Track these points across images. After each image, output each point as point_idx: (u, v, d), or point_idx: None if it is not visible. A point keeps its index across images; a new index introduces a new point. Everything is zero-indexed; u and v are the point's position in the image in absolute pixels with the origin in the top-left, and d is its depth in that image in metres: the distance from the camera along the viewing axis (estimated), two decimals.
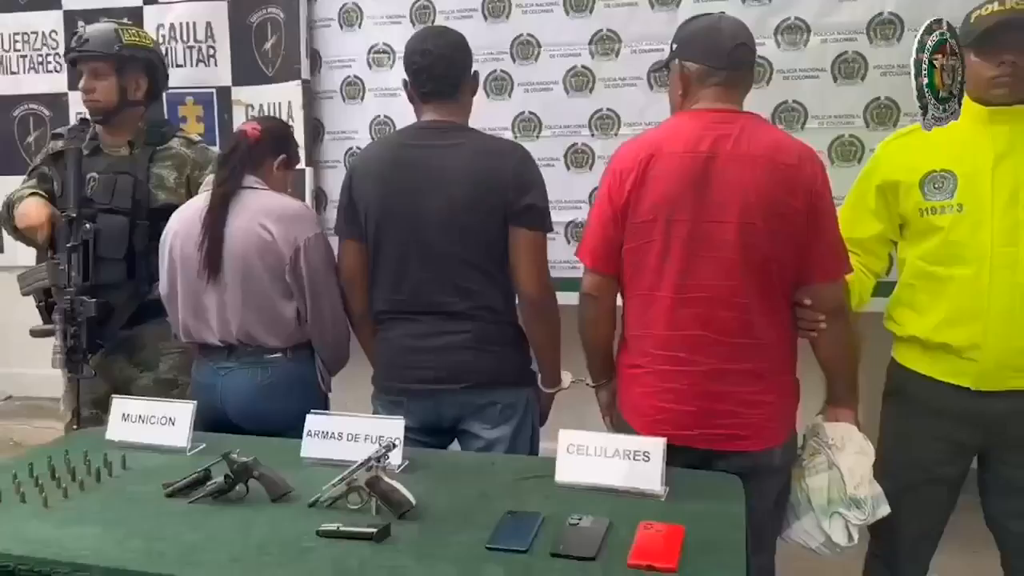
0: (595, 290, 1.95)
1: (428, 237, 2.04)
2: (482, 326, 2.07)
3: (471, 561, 1.41)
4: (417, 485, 1.73)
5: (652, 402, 1.87)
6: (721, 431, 1.82)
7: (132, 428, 2.00)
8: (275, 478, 1.68)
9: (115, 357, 2.40)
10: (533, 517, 1.57)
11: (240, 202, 2.13)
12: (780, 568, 2.03)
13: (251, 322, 2.14)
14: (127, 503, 1.67)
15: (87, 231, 2.26)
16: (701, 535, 1.50)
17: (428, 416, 2.11)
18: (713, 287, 1.79)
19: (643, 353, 1.89)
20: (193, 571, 1.38)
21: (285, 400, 2.17)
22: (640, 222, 1.83)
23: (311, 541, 1.49)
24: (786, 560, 2.04)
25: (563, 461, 1.74)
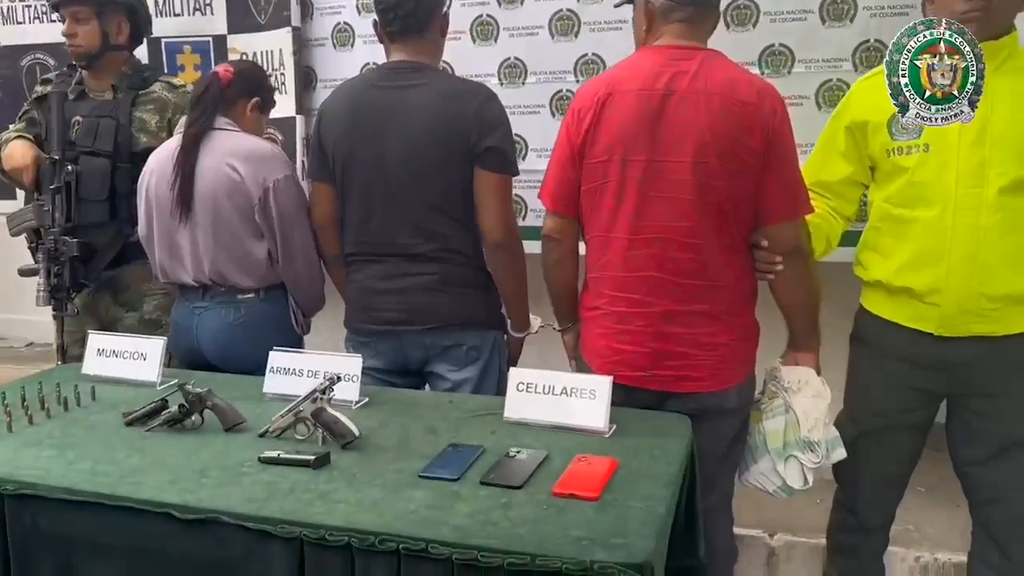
0: (556, 232, 1.95)
1: (391, 179, 2.04)
2: (448, 268, 2.08)
3: (400, 488, 1.44)
4: (369, 419, 1.78)
5: (608, 343, 1.88)
6: (673, 372, 1.82)
7: (106, 363, 2.06)
8: (228, 409, 1.73)
9: (100, 297, 2.47)
10: (473, 449, 1.60)
11: (211, 143, 2.16)
12: (755, 512, 2.02)
13: (222, 262, 2.17)
14: (87, 430, 1.73)
15: (69, 173, 2.31)
16: (634, 468, 1.52)
17: (395, 357, 2.14)
18: (667, 228, 1.78)
19: (600, 295, 1.89)
20: (131, 490, 1.43)
21: (258, 340, 2.20)
22: (596, 162, 1.82)
23: (252, 467, 1.53)
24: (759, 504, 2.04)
25: (512, 399, 1.75)
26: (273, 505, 1.38)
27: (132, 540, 1.41)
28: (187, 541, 1.38)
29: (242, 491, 1.43)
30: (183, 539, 1.38)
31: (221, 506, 1.38)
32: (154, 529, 1.39)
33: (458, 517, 1.33)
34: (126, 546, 1.42)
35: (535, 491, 1.43)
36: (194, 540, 1.38)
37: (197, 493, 1.42)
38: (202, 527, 1.37)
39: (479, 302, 2.13)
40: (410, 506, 1.37)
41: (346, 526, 1.31)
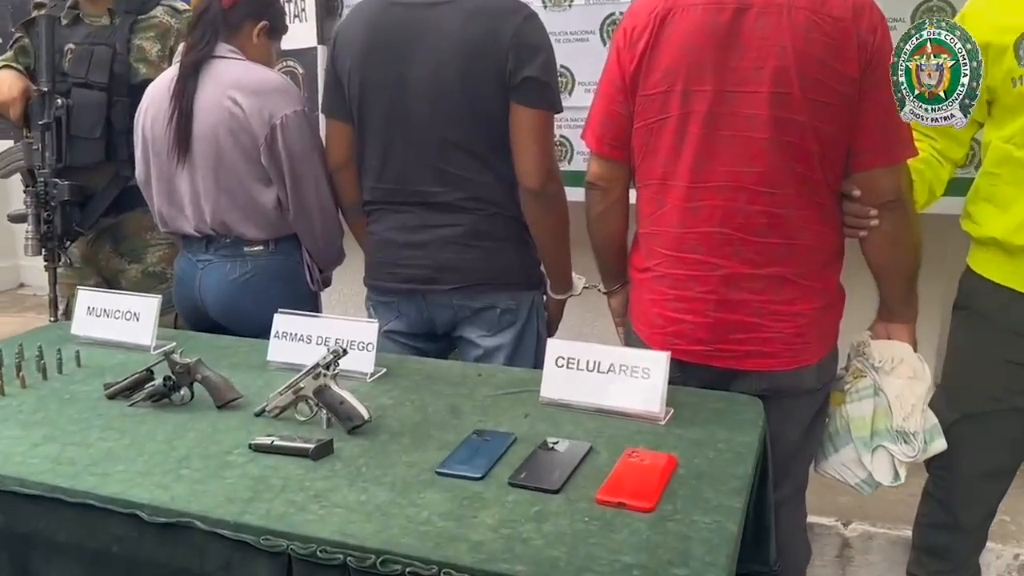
0: (602, 179, 1.66)
1: (412, 114, 1.76)
2: (477, 219, 1.80)
3: (412, 487, 1.20)
4: (384, 396, 1.53)
5: (662, 311, 1.60)
6: (741, 347, 1.54)
7: (97, 323, 1.84)
8: (220, 383, 1.49)
9: (100, 246, 2.25)
10: (502, 438, 1.34)
11: (211, 73, 1.89)
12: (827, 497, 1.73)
13: (225, 209, 1.93)
14: (63, 404, 1.51)
15: (59, 107, 2.07)
16: (697, 467, 1.25)
17: (419, 320, 1.89)
18: (737, 174, 1.48)
19: (653, 254, 1.60)
20: (95, 483, 1.21)
21: (267, 298, 1.96)
22: (652, 93, 1.52)
23: (240, 455, 1.30)
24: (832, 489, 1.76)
25: (551, 375, 1.49)
26: (258, 508, 1.14)
27: (96, 542, 1.19)
28: (158, 548, 1.15)
29: (224, 488, 1.20)
30: (154, 545, 1.15)
31: (197, 507, 1.15)
32: (120, 531, 1.17)
33: (480, 531, 1.08)
34: (90, 548, 1.20)
35: (576, 497, 1.17)
36: (166, 547, 1.15)
37: (172, 489, 1.19)
38: (175, 532, 1.14)
39: (514, 258, 1.86)
40: (422, 513, 1.12)
41: (342, 540, 1.06)
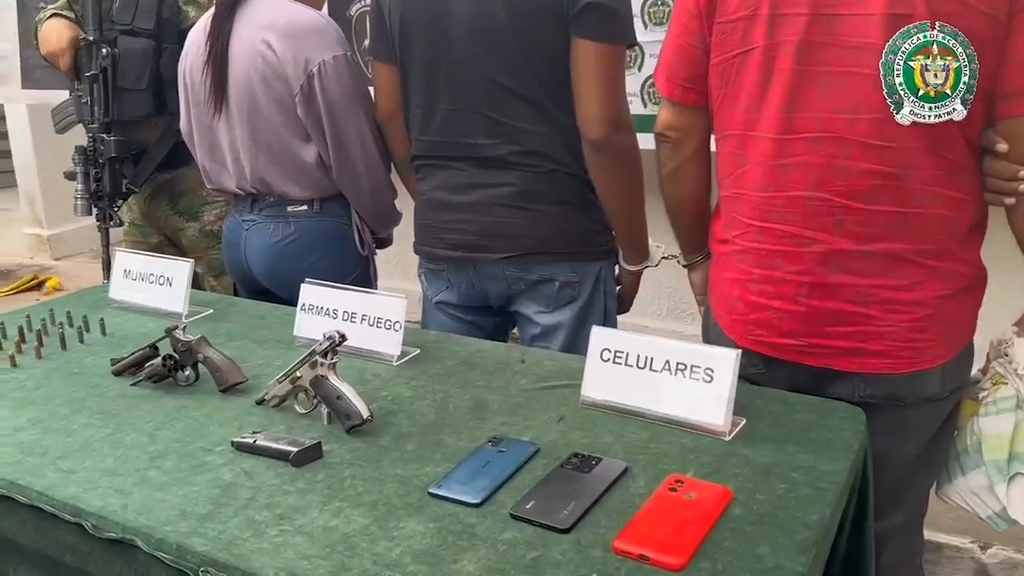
0: (673, 129, 1.36)
1: (456, 55, 1.51)
2: (529, 177, 1.55)
3: (395, 512, 0.99)
4: (405, 385, 1.33)
5: (742, 294, 1.30)
6: (841, 342, 1.22)
7: (132, 287, 1.74)
8: (223, 364, 1.33)
9: (158, 204, 2.15)
10: (521, 450, 1.11)
11: (247, 12, 1.71)
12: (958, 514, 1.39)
13: (264, 165, 1.76)
14: (67, 380, 1.40)
15: (105, 57, 1.95)
16: (759, 507, 0.97)
17: (470, 291, 1.67)
18: (838, 121, 1.15)
19: (734, 222, 1.30)
20: (54, 481, 1.07)
21: (311, 261, 1.82)
22: (731, 20, 1.20)
23: (219, 455, 1.13)
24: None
25: (594, 371, 1.23)
26: (211, 528, 0.97)
27: (50, 549, 1.06)
28: (105, 564, 1.00)
29: (185, 498, 1.03)
30: (101, 560, 1.01)
31: (145, 521, 0.98)
32: (70, 540, 1.03)
33: None
34: (46, 555, 1.07)
35: (588, 541, 0.92)
36: (113, 564, 1.00)
37: (129, 496, 1.04)
38: (120, 548, 0.99)
39: (575, 223, 1.59)
40: (393, 552, 0.91)
41: None
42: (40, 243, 4.59)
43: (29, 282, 4.09)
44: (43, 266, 4.47)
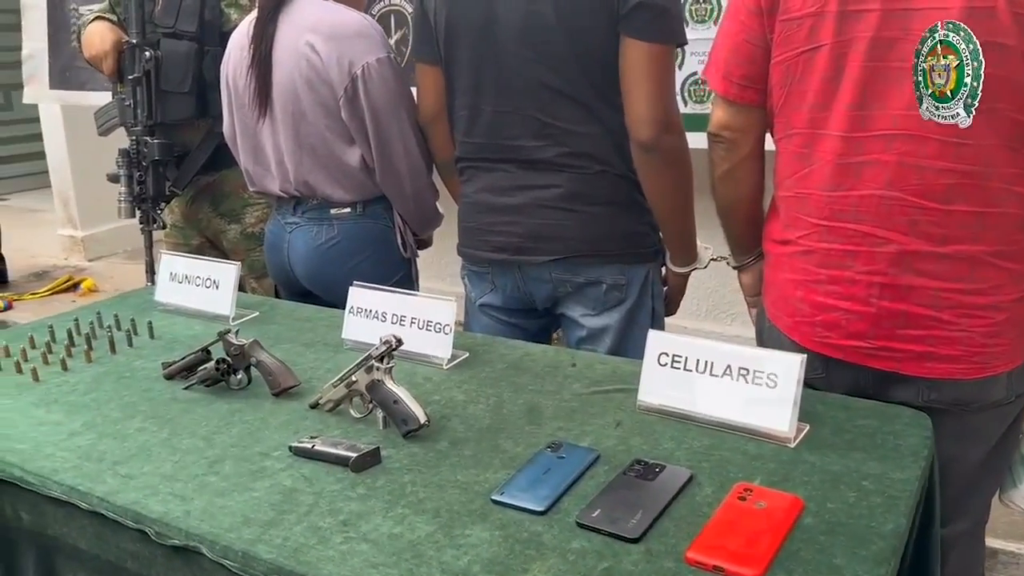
0: (728, 129, 1.33)
1: (504, 55, 1.50)
2: (578, 178, 1.53)
3: (459, 519, 0.97)
4: (456, 389, 1.32)
5: (807, 295, 1.27)
6: (911, 346, 1.20)
7: (178, 290, 1.74)
8: (276, 368, 1.33)
9: (199, 206, 2.15)
10: (581, 456, 1.09)
11: (290, 14, 1.70)
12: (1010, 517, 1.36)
13: (308, 169, 1.76)
14: (118, 384, 1.40)
15: (148, 60, 1.96)
16: (831, 516, 0.95)
17: (516, 293, 1.66)
18: (914, 119, 1.12)
19: (796, 223, 1.28)
20: (114, 488, 1.07)
21: (355, 264, 1.81)
22: (797, 16, 1.18)
23: (277, 460, 1.13)
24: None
25: (651, 376, 1.21)
26: (275, 535, 0.96)
27: (111, 555, 1.06)
28: (168, 571, 1.00)
29: (247, 504, 1.02)
30: (164, 568, 1.00)
31: (209, 528, 0.98)
32: (133, 547, 1.03)
33: None
34: (107, 561, 1.07)
35: (660, 550, 0.90)
36: (176, 571, 0.99)
37: (191, 502, 1.03)
38: (184, 556, 0.98)
39: (624, 224, 1.57)
40: (461, 560, 0.90)
41: None
42: (74, 244, 4.64)
43: (64, 283, 4.13)
44: (77, 267, 4.52)
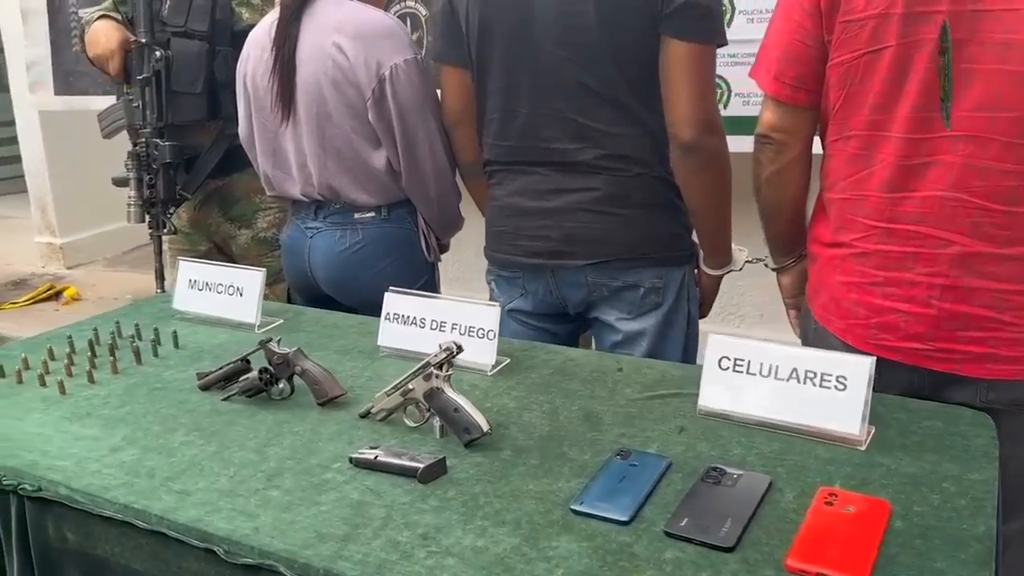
0: (779, 130, 1.32)
1: (541, 56, 1.48)
2: (617, 181, 1.51)
3: (542, 530, 0.95)
4: (505, 395, 1.29)
5: (863, 297, 1.27)
6: (972, 347, 1.20)
7: (199, 297, 1.69)
8: (322, 377, 1.29)
9: (209, 210, 2.10)
10: (653, 463, 1.07)
11: (314, 14, 1.67)
12: None
13: (332, 173, 1.72)
14: (152, 396, 1.35)
15: (158, 60, 1.90)
16: (920, 519, 0.94)
17: (548, 298, 1.63)
18: (981, 120, 1.12)
19: (851, 225, 1.27)
20: (171, 504, 1.02)
21: (379, 269, 1.77)
22: (860, 18, 1.17)
23: (338, 472, 1.09)
24: None
25: (712, 380, 1.20)
26: (354, 550, 0.92)
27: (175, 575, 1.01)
28: None
29: (317, 518, 0.99)
30: None
31: (282, 544, 0.94)
32: (197, 566, 0.98)
33: None
34: None
35: (756, 559, 0.88)
36: None
37: (257, 518, 0.99)
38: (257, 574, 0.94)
39: (662, 227, 1.56)
40: (555, 573, 0.87)
41: None
42: (53, 251, 4.51)
43: (45, 292, 4.01)
44: (56, 275, 4.39)
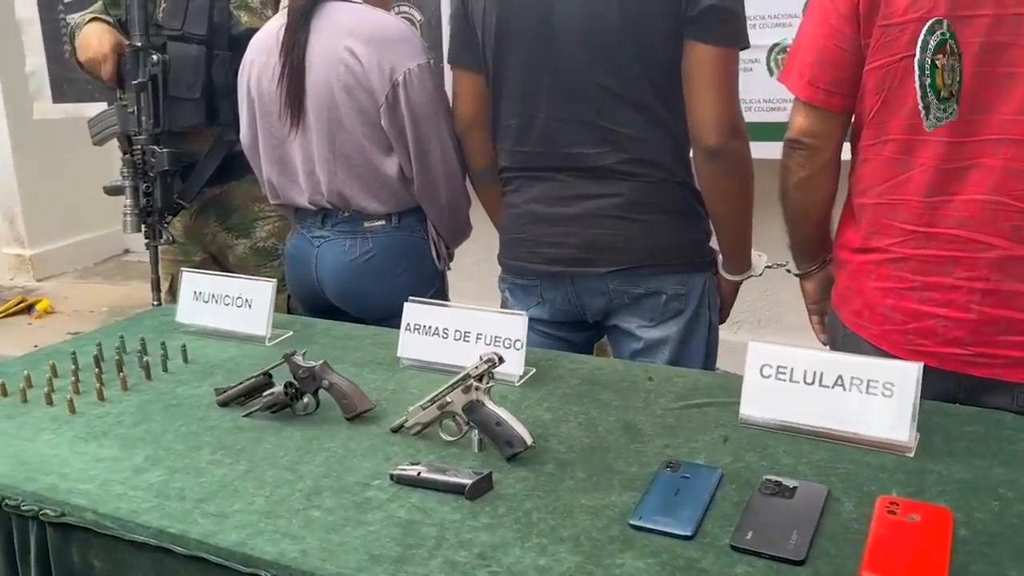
0: (812, 135, 1.32)
1: (562, 60, 1.46)
2: (640, 187, 1.50)
3: (603, 547, 0.92)
4: (537, 407, 1.26)
5: (900, 302, 1.26)
6: (1013, 352, 1.20)
7: (204, 310, 1.63)
8: (350, 390, 1.25)
9: (205, 219, 2.04)
10: (706, 474, 1.05)
11: (323, 18, 1.63)
12: None
13: (343, 180, 1.67)
14: (168, 413, 1.30)
15: (155, 64, 1.84)
16: (983, 526, 0.93)
17: (567, 307, 1.61)
18: (1023, 124, 1.11)
19: (886, 229, 1.27)
20: (210, 528, 0.98)
21: (390, 278, 1.74)
22: (900, 22, 1.16)
23: (379, 490, 1.05)
24: None
25: (754, 388, 1.18)
26: (412, 571, 0.89)
27: None
28: None
29: (366, 538, 0.95)
30: None
31: (335, 567, 0.90)
32: None
33: None
34: None
35: (830, 571, 0.86)
36: None
37: (303, 540, 0.95)
38: None
39: (684, 233, 1.55)
40: None
41: None
42: (21, 263, 4.37)
43: (17, 305, 3.88)
44: (27, 288, 4.25)
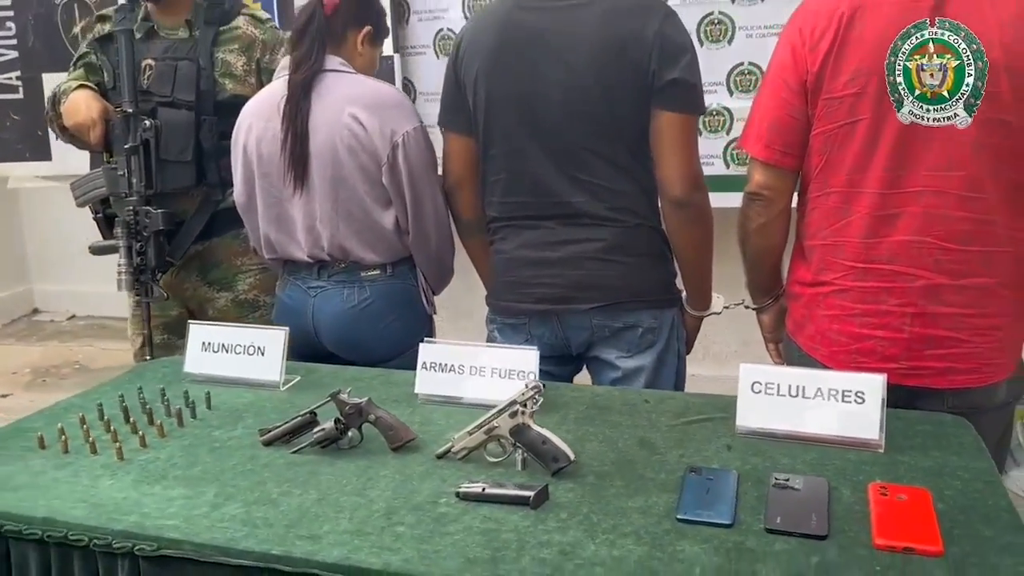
0: (768, 189, 1.56)
1: (546, 124, 1.66)
2: (618, 232, 1.70)
3: (661, 538, 1.09)
4: (559, 430, 1.42)
5: (845, 327, 1.51)
6: (938, 363, 1.46)
7: (214, 359, 1.70)
8: (394, 423, 1.37)
9: (186, 275, 2.10)
10: (724, 475, 1.24)
11: (323, 89, 1.76)
12: None
13: (344, 235, 1.80)
14: (216, 454, 1.38)
15: (147, 129, 1.92)
16: (953, 501, 1.15)
17: (553, 342, 1.78)
18: (939, 178, 1.39)
19: (831, 267, 1.51)
20: (308, 547, 1.08)
21: (386, 324, 1.86)
22: (840, 96, 1.42)
23: (449, 506, 1.18)
24: None
25: (747, 402, 1.39)
26: (509, 569, 1.03)
27: None
28: None
29: (456, 545, 1.08)
30: None
31: (440, 571, 1.03)
32: None
33: None
34: None
35: (848, 542, 1.07)
36: None
37: (400, 551, 1.07)
38: None
39: (656, 273, 1.76)
40: (694, 570, 1.02)
41: None
42: None
43: None
44: None
